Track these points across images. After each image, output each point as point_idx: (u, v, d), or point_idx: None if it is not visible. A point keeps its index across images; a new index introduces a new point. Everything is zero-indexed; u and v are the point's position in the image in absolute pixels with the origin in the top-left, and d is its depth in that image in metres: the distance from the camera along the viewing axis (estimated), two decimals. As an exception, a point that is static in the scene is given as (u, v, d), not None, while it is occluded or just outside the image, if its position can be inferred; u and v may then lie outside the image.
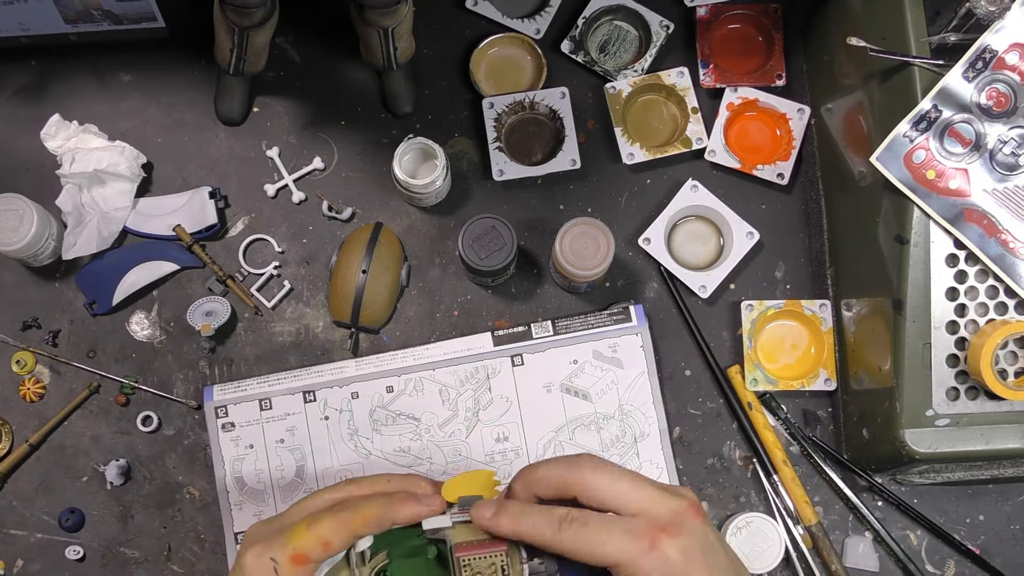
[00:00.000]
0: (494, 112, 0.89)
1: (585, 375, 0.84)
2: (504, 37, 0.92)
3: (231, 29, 0.83)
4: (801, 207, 0.90)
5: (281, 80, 0.92)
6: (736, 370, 0.86)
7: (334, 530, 0.56)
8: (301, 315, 0.88)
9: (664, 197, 0.89)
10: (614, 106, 0.89)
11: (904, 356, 0.72)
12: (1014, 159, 0.71)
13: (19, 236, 0.82)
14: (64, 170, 0.86)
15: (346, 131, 0.91)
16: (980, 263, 0.72)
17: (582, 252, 0.80)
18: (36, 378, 0.86)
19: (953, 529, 0.83)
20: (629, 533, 0.53)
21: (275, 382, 0.84)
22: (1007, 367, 0.72)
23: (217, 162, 0.91)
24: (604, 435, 0.83)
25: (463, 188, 0.90)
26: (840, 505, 0.84)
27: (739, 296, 0.88)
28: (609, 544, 0.52)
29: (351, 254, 0.85)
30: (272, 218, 0.90)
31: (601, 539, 0.53)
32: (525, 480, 0.58)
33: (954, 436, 0.72)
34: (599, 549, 0.53)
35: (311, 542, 0.55)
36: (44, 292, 0.88)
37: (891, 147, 0.72)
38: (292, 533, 0.56)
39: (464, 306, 0.88)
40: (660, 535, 0.52)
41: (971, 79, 0.70)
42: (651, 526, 0.53)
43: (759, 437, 0.85)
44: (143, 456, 0.86)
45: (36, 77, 0.92)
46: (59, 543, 0.84)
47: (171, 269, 0.88)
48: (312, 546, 0.55)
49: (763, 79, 0.90)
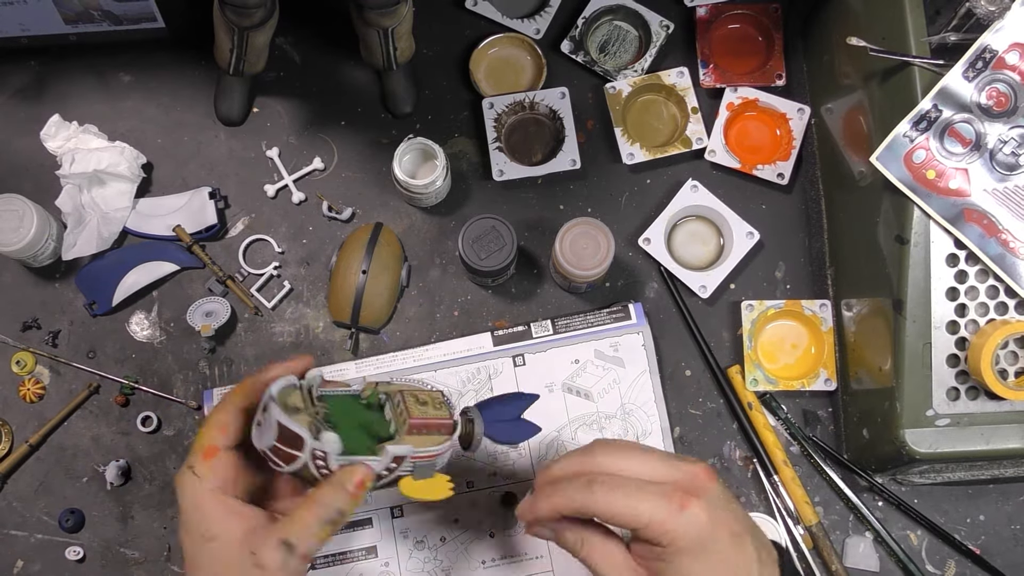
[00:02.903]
0: (494, 112, 0.89)
1: (587, 374, 0.84)
2: (504, 37, 0.92)
3: (231, 29, 0.83)
4: (801, 207, 0.90)
5: (281, 80, 0.92)
6: (736, 370, 0.86)
7: (220, 413, 0.60)
8: (301, 315, 0.88)
9: (664, 197, 0.89)
10: (614, 106, 0.89)
11: (904, 356, 0.72)
12: (1014, 159, 0.71)
13: (19, 236, 0.82)
14: (64, 170, 0.86)
15: (346, 131, 0.91)
16: (980, 263, 0.72)
17: (582, 252, 0.80)
18: (36, 378, 0.86)
19: (953, 529, 0.83)
20: (660, 495, 0.54)
21: None
22: (1007, 367, 0.72)
23: (217, 162, 0.91)
24: (606, 434, 0.83)
25: (463, 188, 0.90)
26: (840, 505, 0.84)
27: (739, 296, 0.88)
28: (642, 505, 0.54)
29: (351, 254, 0.85)
30: (272, 218, 0.90)
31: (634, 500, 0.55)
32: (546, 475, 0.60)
33: (954, 436, 0.72)
34: (632, 510, 0.54)
35: (210, 433, 0.59)
36: (44, 292, 0.88)
37: (891, 147, 0.72)
38: (195, 439, 0.60)
39: (464, 306, 0.88)
40: (688, 497, 0.54)
41: (971, 79, 0.70)
42: (676, 489, 0.55)
43: (759, 437, 0.85)
44: (143, 456, 0.85)
45: (36, 77, 0.92)
46: (59, 544, 0.84)
47: (171, 269, 0.88)
48: (213, 435, 0.59)
49: (763, 79, 0.90)
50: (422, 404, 0.64)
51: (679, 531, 0.54)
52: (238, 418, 0.60)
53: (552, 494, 0.58)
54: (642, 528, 0.54)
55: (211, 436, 0.59)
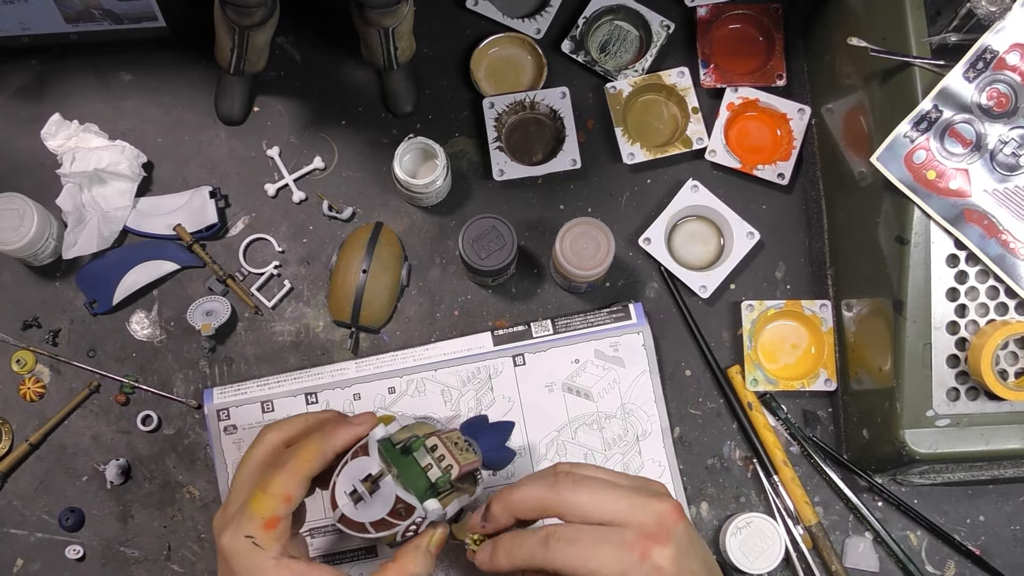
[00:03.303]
0: (494, 112, 0.89)
1: (587, 374, 0.84)
2: (504, 37, 0.92)
3: (231, 28, 0.83)
4: (801, 207, 0.90)
5: (281, 80, 0.92)
6: (736, 370, 0.86)
7: (286, 482, 0.57)
8: (301, 315, 0.88)
9: (664, 197, 0.89)
10: (614, 106, 0.89)
11: (904, 356, 0.72)
12: (1015, 159, 0.71)
13: (19, 235, 0.82)
14: (64, 169, 0.86)
15: (346, 131, 0.91)
16: (980, 263, 0.72)
17: (582, 252, 0.80)
18: (36, 377, 0.86)
19: (953, 529, 0.83)
20: (619, 546, 0.53)
21: (276, 384, 0.84)
22: (1007, 367, 0.72)
23: (217, 162, 0.91)
24: (606, 434, 0.83)
25: (463, 188, 0.90)
26: (840, 505, 0.84)
27: (739, 296, 0.88)
28: (600, 558, 0.53)
29: (351, 254, 0.85)
30: (272, 218, 0.90)
31: (591, 554, 0.53)
32: (504, 503, 0.58)
33: (954, 436, 0.72)
34: (590, 564, 0.53)
35: (273, 503, 0.57)
36: (44, 291, 0.88)
37: (892, 147, 0.72)
38: (253, 504, 0.57)
39: (464, 306, 0.88)
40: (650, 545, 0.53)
41: (972, 79, 0.70)
42: (639, 536, 0.53)
43: (759, 437, 0.85)
44: (143, 455, 0.86)
45: (36, 77, 0.92)
46: (59, 542, 0.84)
47: (171, 269, 0.88)
48: (276, 506, 0.56)
49: (763, 79, 0.90)
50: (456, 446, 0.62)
51: None
52: (304, 487, 0.58)
53: (512, 549, 0.56)
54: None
55: (274, 507, 0.56)
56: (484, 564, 0.59)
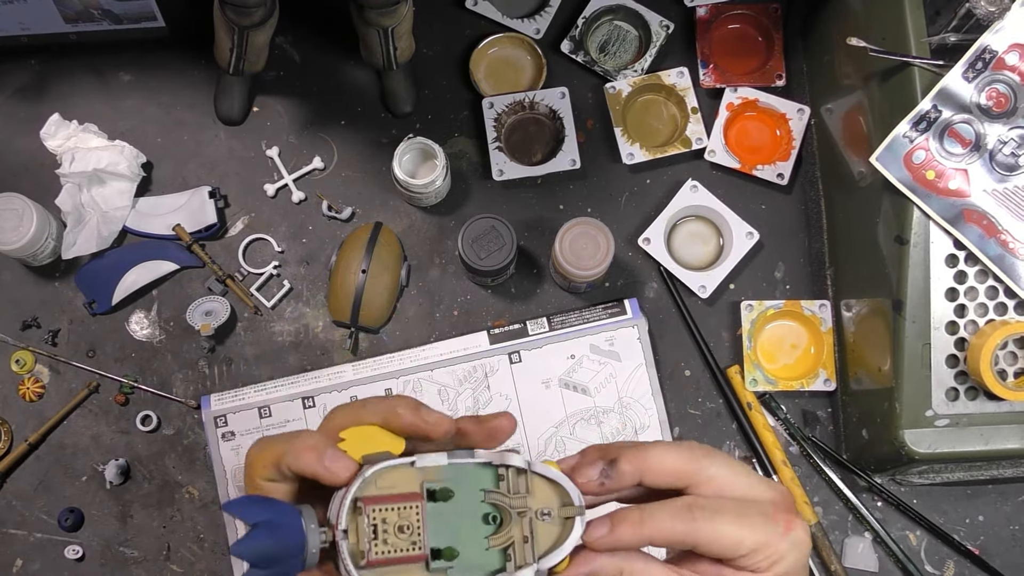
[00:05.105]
0: (494, 112, 0.89)
1: (583, 369, 0.84)
2: (504, 37, 0.92)
3: (231, 29, 0.83)
4: (801, 207, 0.90)
5: (281, 80, 0.92)
6: (736, 370, 0.86)
7: None
8: (301, 315, 0.88)
9: (664, 197, 0.89)
10: (614, 106, 0.89)
11: (904, 356, 0.72)
12: (1014, 159, 0.71)
13: (19, 235, 0.82)
14: (64, 169, 0.86)
15: (346, 131, 0.91)
16: (980, 263, 0.72)
17: (582, 252, 0.80)
18: (35, 377, 0.86)
19: (952, 529, 0.83)
20: (765, 518, 0.49)
21: (273, 389, 0.84)
22: (1006, 367, 0.72)
23: (217, 162, 0.91)
24: (605, 428, 0.83)
25: (463, 188, 0.90)
26: (840, 505, 0.84)
27: (739, 296, 0.88)
28: (748, 529, 0.49)
29: (351, 254, 0.85)
30: (272, 218, 0.90)
31: (738, 526, 0.49)
32: (639, 462, 0.50)
33: (953, 436, 0.72)
34: (736, 535, 0.48)
35: None
36: (44, 291, 0.88)
37: (891, 147, 0.72)
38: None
39: (464, 306, 0.88)
40: (792, 518, 0.50)
41: (971, 79, 0.70)
42: (778, 510, 0.50)
43: (759, 437, 0.85)
44: (142, 456, 0.85)
45: (36, 77, 0.92)
46: (58, 543, 0.84)
47: (171, 269, 0.88)
48: None
49: (763, 79, 0.90)
50: None
51: (783, 556, 0.49)
52: None
53: (644, 523, 0.48)
54: (743, 556, 0.48)
55: None
56: (601, 541, 0.50)
